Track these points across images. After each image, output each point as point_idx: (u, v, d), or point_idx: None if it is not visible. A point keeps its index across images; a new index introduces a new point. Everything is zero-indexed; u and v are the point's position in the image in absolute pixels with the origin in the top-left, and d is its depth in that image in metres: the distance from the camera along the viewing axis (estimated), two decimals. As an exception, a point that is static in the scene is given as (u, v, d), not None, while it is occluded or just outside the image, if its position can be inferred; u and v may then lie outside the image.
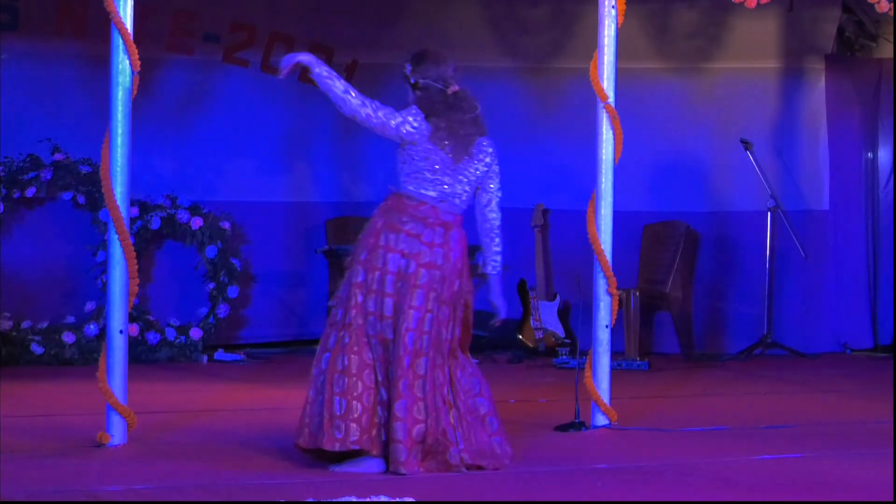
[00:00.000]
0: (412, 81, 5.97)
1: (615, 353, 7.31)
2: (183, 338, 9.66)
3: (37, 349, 9.26)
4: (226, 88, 10.34)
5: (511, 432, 6.70)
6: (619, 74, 6.80)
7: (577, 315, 10.01)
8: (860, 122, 10.75)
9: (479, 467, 5.57)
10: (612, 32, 6.74)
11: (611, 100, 6.74)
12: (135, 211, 9.44)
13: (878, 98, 10.73)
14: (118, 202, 6.01)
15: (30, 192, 9.47)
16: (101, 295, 9.06)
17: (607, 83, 6.74)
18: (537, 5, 10.66)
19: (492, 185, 5.87)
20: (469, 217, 5.87)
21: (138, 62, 6.03)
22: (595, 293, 6.84)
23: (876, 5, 7.11)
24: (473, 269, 5.94)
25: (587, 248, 6.86)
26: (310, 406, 5.58)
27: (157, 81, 9.78)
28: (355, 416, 5.45)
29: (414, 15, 10.59)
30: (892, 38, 10.50)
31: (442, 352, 5.64)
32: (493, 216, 5.88)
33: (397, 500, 4.84)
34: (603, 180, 6.79)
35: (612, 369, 6.89)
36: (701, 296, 10.63)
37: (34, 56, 9.80)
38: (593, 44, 6.81)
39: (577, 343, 9.77)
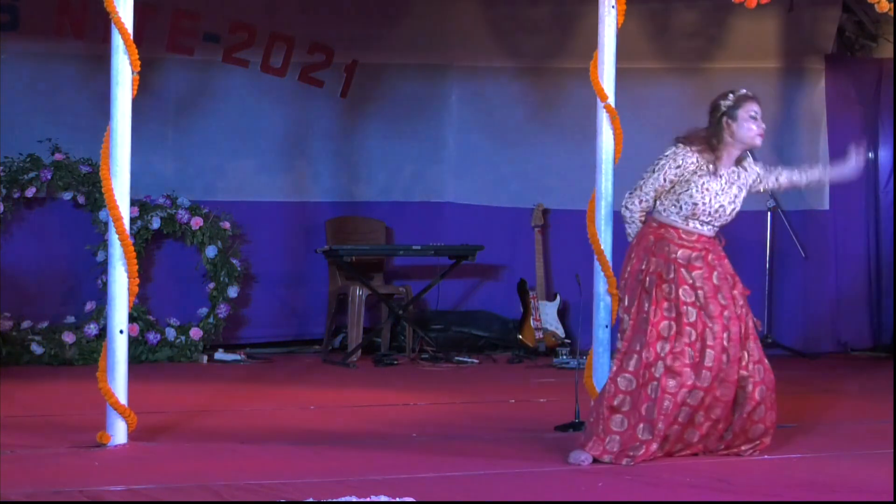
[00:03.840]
0: None
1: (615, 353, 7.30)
2: (183, 338, 9.67)
3: (37, 349, 9.25)
4: (226, 88, 10.34)
5: (511, 432, 6.72)
6: (619, 74, 6.80)
7: (577, 315, 10.01)
8: (860, 122, 10.74)
9: None
10: (612, 32, 6.74)
11: (611, 100, 6.74)
12: (135, 211, 9.44)
13: (878, 98, 10.72)
14: (118, 202, 6.01)
15: (30, 192, 9.48)
16: (101, 295, 9.06)
17: (607, 83, 6.74)
18: (537, 5, 10.66)
19: None
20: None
21: (138, 62, 6.03)
22: (595, 293, 6.84)
23: (876, 5, 7.11)
24: None
25: (587, 248, 6.86)
26: None
27: (157, 81, 9.78)
28: None
29: (414, 15, 10.59)
30: (892, 38, 10.49)
31: None
32: None
33: (397, 500, 4.84)
34: (603, 180, 6.79)
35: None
36: (701, 296, 10.61)
37: (34, 56, 9.80)
38: (593, 44, 6.80)
39: (577, 343, 9.77)
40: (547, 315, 10.26)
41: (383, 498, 4.84)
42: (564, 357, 9.73)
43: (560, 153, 10.64)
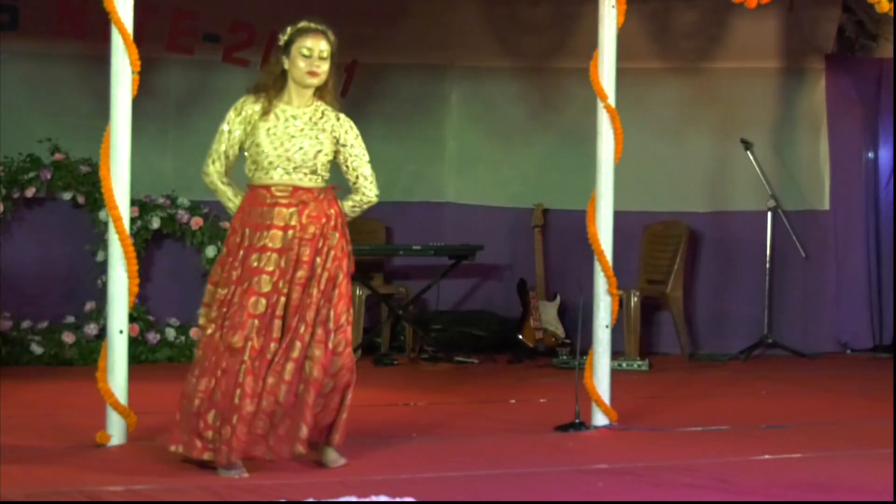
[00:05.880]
0: None
1: (615, 353, 7.31)
2: (183, 338, 9.66)
3: (36, 349, 9.25)
4: (226, 88, 10.30)
5: (511, 432, 6.72)
6: (619, 74, 6.80)
7: (577, 315, 10.01)
8: (860, 122, 10.74)
9: None
10: (612, 32, 6.74)
11: (611, 100, 6.73)
12: (135, 211, 9.43)
13: (878, 98, 10.71)
14: (118, 202, 6.02)
15: (29, 192, 9.48)
16: (101, 295, 9.04)
17: (607, 83, 6.74)
18: (537, 5, 10.66)
19: None
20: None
21: (138, 62, 6.04)
22: (595, 293, 6.84)
23: (876, 5, 7.11)
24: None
25: (587, 248, 6.86)
26: None
27: (157, 81, 9.77)
28: None
29: (414, 15, 10.59)
30: (892, 38, 10.49)
31: None
32: None
33: (397, 499, 4.84)
34: (603, 180, 6.79)
35: (612, 369, 6.89)
36: (701, 296, 10.63)
37: (34, 56, 9.80)
38: (593, 44, 6.80)
39: (577, 343, 9.76)
40: (547, 315, 10.26)
41: (383, 498, 4.83)
42: (564, 357, 9.73)
43: (560, 153, 10.64)
